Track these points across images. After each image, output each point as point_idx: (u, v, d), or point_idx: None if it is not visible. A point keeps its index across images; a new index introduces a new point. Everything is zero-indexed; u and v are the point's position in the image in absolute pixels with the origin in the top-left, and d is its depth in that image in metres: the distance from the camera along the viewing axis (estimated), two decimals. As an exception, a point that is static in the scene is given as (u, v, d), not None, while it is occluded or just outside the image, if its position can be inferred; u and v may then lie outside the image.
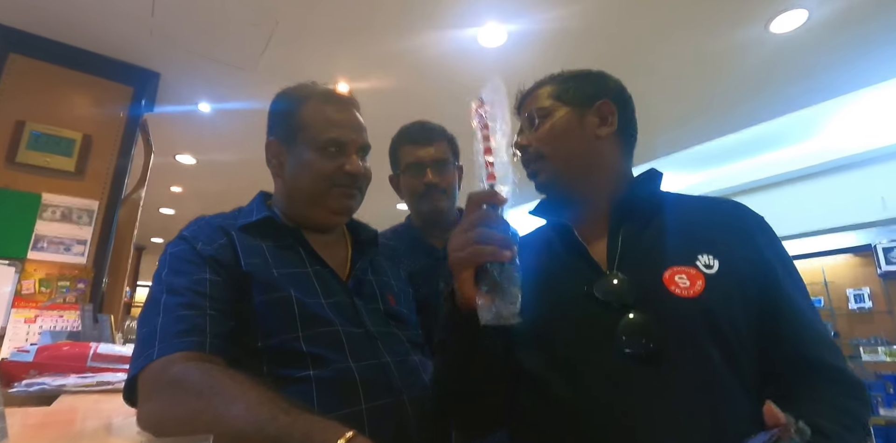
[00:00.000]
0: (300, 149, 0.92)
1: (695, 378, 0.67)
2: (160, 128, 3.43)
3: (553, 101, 0.89)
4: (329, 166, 0.90)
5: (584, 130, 0.87)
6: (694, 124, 3.64)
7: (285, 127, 0.95)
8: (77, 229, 2.45)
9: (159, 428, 0.62)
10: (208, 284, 0.75)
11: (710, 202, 0.87)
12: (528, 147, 0.89)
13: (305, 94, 0.95)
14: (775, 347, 0.71)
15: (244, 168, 4.19)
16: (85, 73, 2.67)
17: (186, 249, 0.79)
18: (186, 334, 0.68)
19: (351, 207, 0.94)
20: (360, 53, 2.74)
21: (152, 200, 5.38)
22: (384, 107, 3.10)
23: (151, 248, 8.51)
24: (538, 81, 0.95)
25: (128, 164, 2.70)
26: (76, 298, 2.34)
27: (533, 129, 0.89)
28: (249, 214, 0.90)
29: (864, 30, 2.53)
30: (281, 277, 0.80)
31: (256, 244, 0.84)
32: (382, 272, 1.00)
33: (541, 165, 0.88)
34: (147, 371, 0.66)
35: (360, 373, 0.76)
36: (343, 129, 0.92)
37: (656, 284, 0.72)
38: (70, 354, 1.24)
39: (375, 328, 0.84)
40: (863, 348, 4.53)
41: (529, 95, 0.95)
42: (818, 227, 4.46)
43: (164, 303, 0.72)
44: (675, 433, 0.63)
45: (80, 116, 2.61)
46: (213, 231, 0.84)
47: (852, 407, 0.66)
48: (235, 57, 2.74)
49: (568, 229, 0.83)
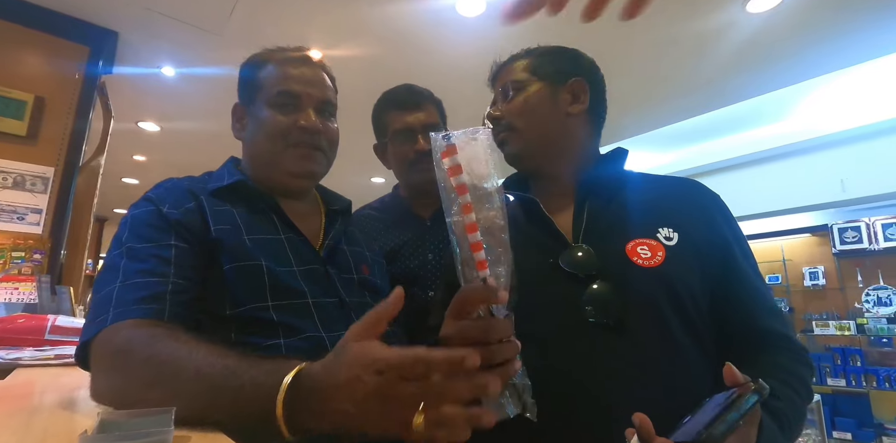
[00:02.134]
0: (257, 108, 0.89)
1: (656, 344, 0.71)
2: (121, 92, 3.25)
3: (528, 75, 0.90)
4: (283, 122, 0.86)
5: (556, 106, 0.89)
6: (665, 105, 3.67)
7: (246, 88, 0.92)
8: (31, 197, 2.32)
9: (112, 400, 0.60)
10: (173, 250, 0.71)
11: (671, 181, 0.92)
12: (501, 119, 0.90)
13: (267, 56, 0.92)
14: (730, 317, 0.76)
15: (214, 139, 4.03)
16: (36, 31, 2.48)
17: (151, 212, 0.75)
18: (145, 301, 0.65)
19: (312, 170, 0.90)
20: (333, 21, 2.63)
21: (114, 168, 5.15)
22: (357, 77, 3.01)
23: (114, 218, 8.21)
24: (514, 54, 0.96)
25: (85, 128, 2.55)
26: (32, 270, 2.24)
27: (506, 101, 0.91)
28: (221, 178, 0.86)
29: (837, 13, 2.55)
30: (252, 244, 0.77)
31: (227, 209, 0.81)
32: (356, 242, 0.98)
33: (511, 135, 0.89)
34: (98, 339, 0.63)
35: (331, 343, 0.74)
36: (297, 82, 0.88)
37: (619, 254, 0.76)
38: (26, 326, 1.19)
39: (350, 298, 0.83)
40: (815, 322, 4.78)
41: (505, 67, 0.95)
42: (780, 207, 4.61)
43: (124, 268, 0.69)
44: (637, 397, 0.67)
45: (32, 77, 2.44)
46: (182, 194, 0.80)
47: (799, 371, 0.72)
48: (200, 18, 2.59)
49: (534, 203, 0.85)
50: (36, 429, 0.55)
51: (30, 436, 0.52)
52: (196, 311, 0.70)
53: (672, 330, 0.72)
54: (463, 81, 2.53)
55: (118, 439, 0.43)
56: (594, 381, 0.69)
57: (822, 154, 4.35)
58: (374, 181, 5.57)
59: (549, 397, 0.68)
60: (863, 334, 4.51)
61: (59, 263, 2.40)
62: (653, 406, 0.64)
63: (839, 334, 4.60)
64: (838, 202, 4.32)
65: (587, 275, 0.75)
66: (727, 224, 0.83)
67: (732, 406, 0.51)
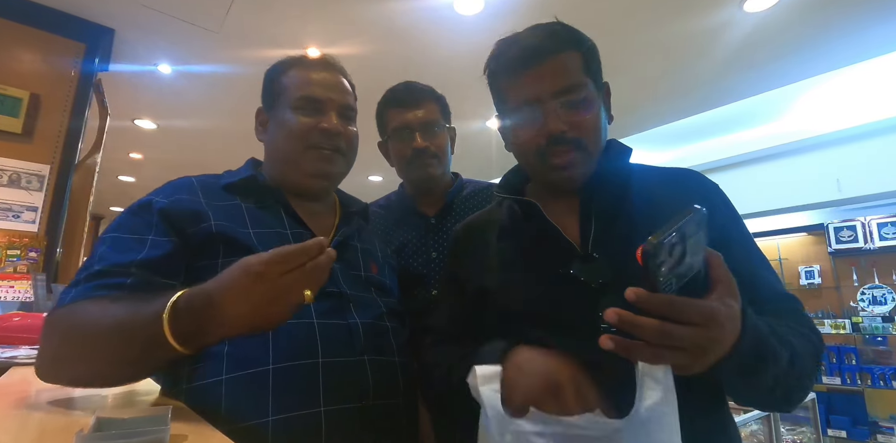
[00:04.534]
0: (280, 111, 0.90)
1: None
2: (117, 89, 3.24)
3: (588, 80, 0.77)
4: (304, 124, 0.88)
5: (605, 119, 0.82)
6: (662, 104, 3.68)
7: (268, 93, 0.94)
8: (27, 195, 2.31)
9: (43, 370, 0.65)
10: (148, 243, 0.73)
11: (670, 173, 0.87)
12: (567, 133, 0.75)
13: (291, 62, 0.95)
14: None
15: (210, 136, 4.03)
16: (32, 27, 2.47)
17: (142, 204, 0.78)
18: (99, 288, 0.67)
19: (329, 171, 0.91)
20: (330, 18, 2.62)
21: (110, 166, 5.13)
22: (355, 75, 3.00)
23: (110, 216, 8.18)
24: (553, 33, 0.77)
25: (81, 126, 2.54)
26: (28, 268, 2.23)
27: (573, 109, 0.76)
28: (235, 175, 0.89)
29: (833, 12, 2.56)
30: (255, 238, 0.79)
31: (235, 204, 0.83)
32: (368, 241, 0.99)
33: (584, 157, 0.77)
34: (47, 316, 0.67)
35: (322, 329, 0.76)
36: (319, 87, 0.90)
37: (632, 260, 0.72)
38: (21, 325, 1.18)
39: (352, 291, 0.84)
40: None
41: (553, 53, 0.76)
42: (776, 206, 4.62)
43: (99, 255, 0.71)
44: None
45: (28, 74, 2.43)
46: (180, 186, 0.83)
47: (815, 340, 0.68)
48: (197, 15, 2.58)
49: (535, 208, 0.79)
50: (32, 428, 0.55)
51: (26, 435, 0.52)
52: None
53: None
54: (461, 80, 2.52)
55: (115, 438, 0.43)
56: (611, 390, 0.64)
57: (818, 153, 4.36)
58: (371, 180, 5.56)
59: None
60: (858, 333, 4.53)
61: (54, 261, 2.39)
62: None
63: (834, 332, 4.62)
64: (834, 201, 4.34)
65: (601, 283, 0.71)
66: (729, 214, 0.80)
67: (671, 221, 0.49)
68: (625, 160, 0.83)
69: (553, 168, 0.78)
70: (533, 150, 0.78)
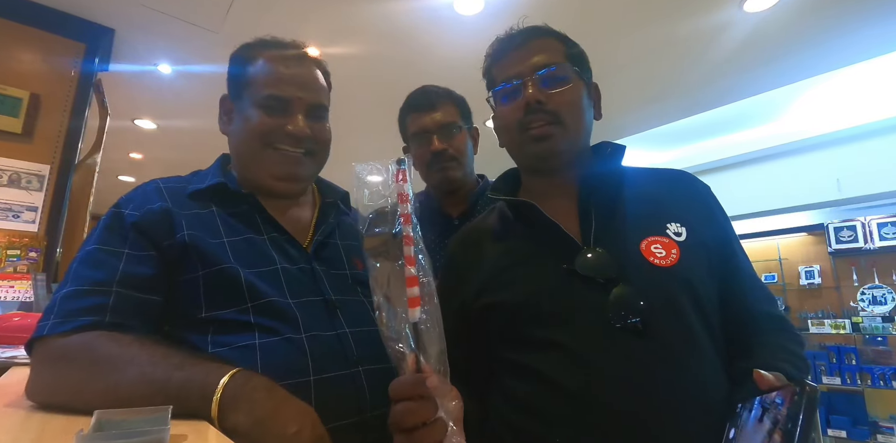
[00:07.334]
0: (245, 105, 0.86)
1: (681, 345, 0.69)
2: (117, 89, 3.23)
3: (568, 64, 0.83)
4: (267, 125, 0.83)
5: (588, 106, 0.85)
6: (661, 104, 3.67)
7: (234, 81, 0.89)
8: (27, 195, 2.31)
9: (48, 399, 0.63)
10: (124, 257, 0.71)
11: (664, 173, 0.89)
12: (545, 104, 0.79)
13: (259, 48, 0.89)
14: (732, 305, 0.77)
15: (210, 136, 3.98)
16: (32, 27, 2.46)
17: (112, 216, 0.76)
18: (82, 311, 0.65)
19: (296, 173, 0.87)
20: (330, 18, 2.62)
21: (110, 166, 5.12)
22: (355, 75, 3.00)
23: (110, 217, 8.17)
24: (536, 27, 0.87)
25: (81, 126, 2.54)
26: (28, 268, 2.23)
27: (551, 87, 0.80)
28: (203, 179, 0.85)
29: (833, 12, 2.56)
30: (230, 247, 0.76)
31: (206, 212, 0.80)
32: (351, 236, 0.94)
33: (558, 130, 0.80)
34: (39, 344, 0.66)
35: (311, 344, 0.72)
36: (288, 85, 0.85)
37: (635, 255, 0.73)
38: (21, 325, 1.18)
39: (337, 296, 0.81)
40: (810, 321, 4.79)
41: (539, 39, 0.84)
42: (776, 206, 4.62)
43: (75, 272, 0.70)
44: (666, 398, 0.65)
45: (28, 74, 2.43)
46: (150, 195, 0.80)
47: (799, 351, 0.73)
48: (197, 15, 2.58)
49: (533, 208, 0.80)
50: (32, 428, 0.55)
51: (26, 435, 0.52)
52: (154, 314, 0.71)
53: (694, 329, 0.70)
54: (461, 80, 2.52)
55: (115, 438, 0.43)
56: (623, 386, 0.66)
57: (818, 154, 4.36)
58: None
59: (576, 405, 0.66)
60: (858, 333, 4.52)
61: (54, 261, 2.39)
62: (683, 407, 0.64)
63: (834, 332, 4.61)
64: (834, 202, 4.34)
65: (606, 279, 0.72)
66: (723, 215, 0.84)
67: (793, 417, 0.47)
68: (619, 158, 0.85)
69: (532, 139, 0.81)
70: (514, 124, 0.82)
